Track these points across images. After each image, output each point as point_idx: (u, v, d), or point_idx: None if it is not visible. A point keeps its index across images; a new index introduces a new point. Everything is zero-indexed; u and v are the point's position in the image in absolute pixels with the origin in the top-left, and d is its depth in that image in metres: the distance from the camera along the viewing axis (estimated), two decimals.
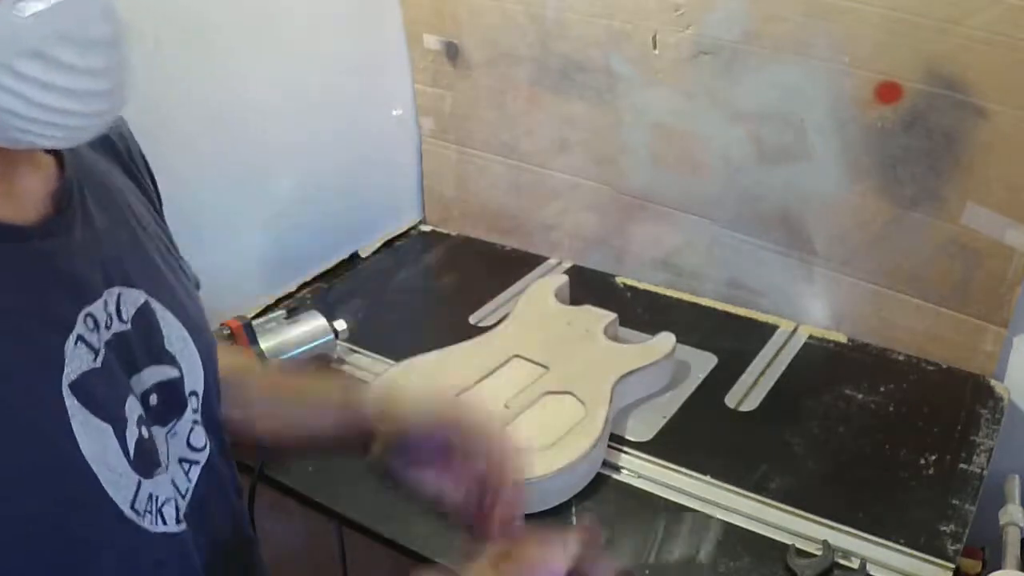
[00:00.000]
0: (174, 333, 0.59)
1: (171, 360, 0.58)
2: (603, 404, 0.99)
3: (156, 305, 0.58)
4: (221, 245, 1.20)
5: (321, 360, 1.12)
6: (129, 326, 0.54)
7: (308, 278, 1.35)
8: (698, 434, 1.03)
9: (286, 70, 1.22)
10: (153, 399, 0.56)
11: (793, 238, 1.18)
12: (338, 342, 1.14)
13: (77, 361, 0.49)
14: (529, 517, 0.74)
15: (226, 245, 1.21)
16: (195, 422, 0.60)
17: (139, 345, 0.55)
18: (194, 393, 0.60)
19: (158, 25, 1.04)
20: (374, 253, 1.44)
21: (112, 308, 0.53)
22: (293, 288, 1.33)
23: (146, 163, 0.71)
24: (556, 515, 0.91)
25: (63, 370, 0.47)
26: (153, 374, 0.56)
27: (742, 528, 0.90)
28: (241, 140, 1.18)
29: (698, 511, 0.92)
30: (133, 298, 0.56)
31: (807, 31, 1.05)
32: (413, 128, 1.46)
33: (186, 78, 1.09)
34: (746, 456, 0.99)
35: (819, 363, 1.16)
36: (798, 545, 0.86)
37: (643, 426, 1.04)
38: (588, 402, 1.00)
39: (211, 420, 0.62)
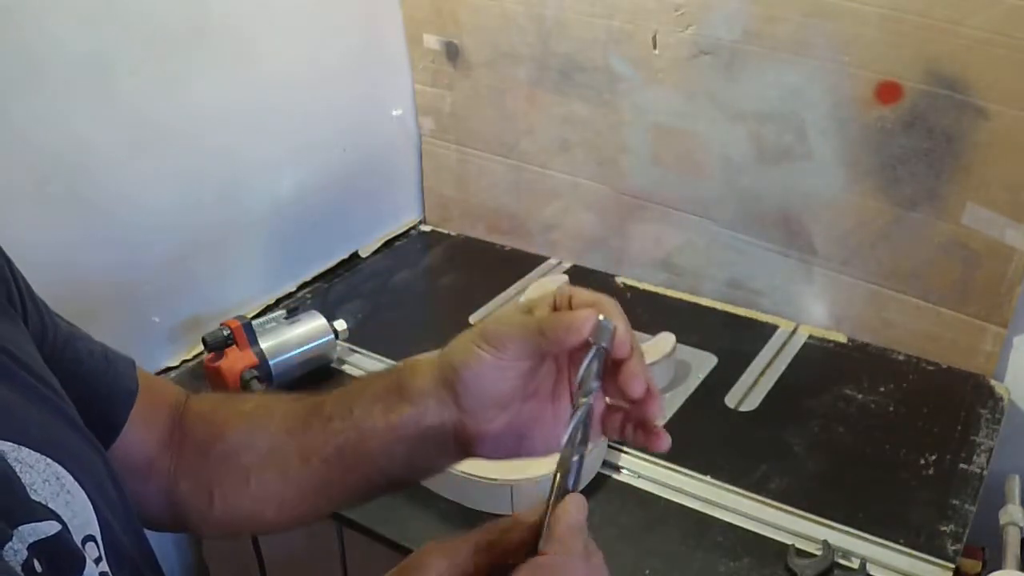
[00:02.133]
0: (39, 475, 0.47)
1: (44, 511, 0.46)
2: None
3: (5, 446, 0.46)
4: (220, 245, 1.20)
5: (321, 360, 1.12)
6: None
7: (308, 278, 1.36)
8: (698, 434, 1.03)
9: (285, 69, 1.22)
10: (37, 566, 0.44)
11: (793, 238, 1.18)
12: (338, 342, 1.14)
13: None
14: None
15: (226, 245, 1.21)
16: (104, 574, 0.48)
17: None
18: (90, 539, 0.48)
19: (157, 26, 1.04)
20: (374, 253, 1.44)
21: None
22: (293, 288, 1.33)
23: None
24: None
25: None
26: (26, 536, 0.44)
27: (742, 528, 0.90)
28: (240, 140, 1.19)
29: (698, 511, 0.92)
30: None
31: (807, 31, 1.05)
32: (413, 128, 1.46)
33: (184, 77, 1.09)
34: (746, 456, 0.99)
35: (819, 363, 1.16)
36: (798, 545, 0.86)
37: None
38: None
39: (126, 563, 0.51)
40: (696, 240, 1.27)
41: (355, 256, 1.42)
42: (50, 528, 0.46)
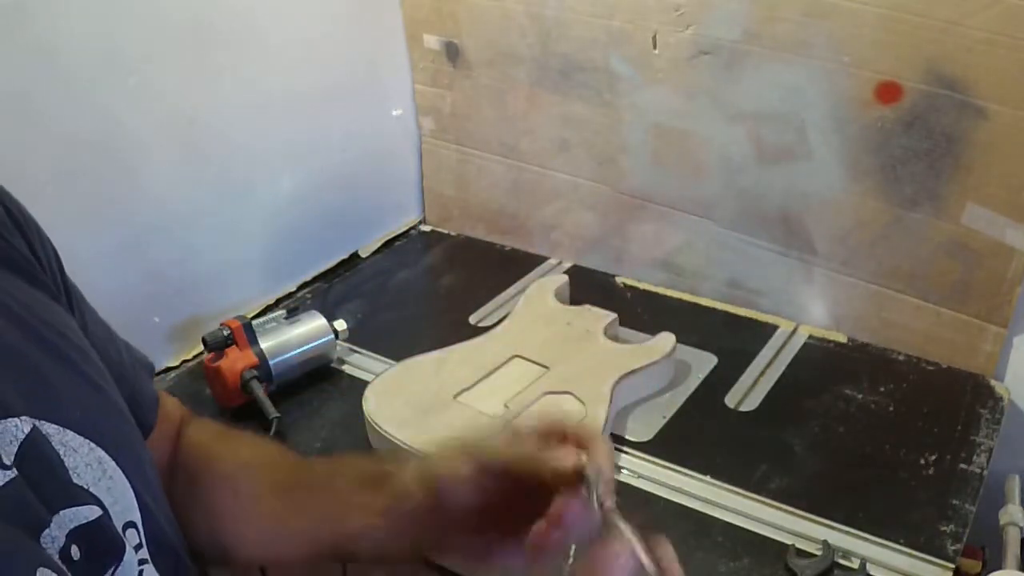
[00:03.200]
0: (82, 459, 0.47)
1: (86, 496, 0.46)
2: (603, 404, 0.99)
3: (50, 429, 0.45)
4: (220, 245, 1.20)
5: (321, 360, 1.13)
6: (15, 472, 0.42)
7: (308, 278, 1.36)
8: (698, 434, 1.03)
9: (285, 70, 1.22)
10: (75, 552, 0.44)
11: (793, 238, 1.18)
12: (338, 342, 1.14)
13: None
14: None
15: (226, 245, 1.21)
16: (143, 561, 0.49)
17: (36, 492, 0.43)
18: (131, 525, 0.49)
19: (157, 26, 1.04)
20: (374, 253, 1.44)
21: None
22: (293, 288, 1.33)
23: (33, 230, 0.56)
24: None
25: None
26: (65, 522, 0.44)
27: (742, 528, 0.90)
28: (241, 140, 1.19)
29: (698, 511, 0.92)
30: (11, 431, 0.43)
31: (807, 31, 1.05)
32: (413, 128, 1.46)
33: (183, 77, 1.09)
34: (746, 456, 0.99)
35: (819, 363, 1.16)
36: (798, 545, 0.86)
37: (643, 426, 1.04)
38: (588, 402, 1.00)
39: (166, 551, 0.51)
40: (696, 240, 1.27)
41: (355, 256, 1.42)
42: (90, 513, 0.46)
